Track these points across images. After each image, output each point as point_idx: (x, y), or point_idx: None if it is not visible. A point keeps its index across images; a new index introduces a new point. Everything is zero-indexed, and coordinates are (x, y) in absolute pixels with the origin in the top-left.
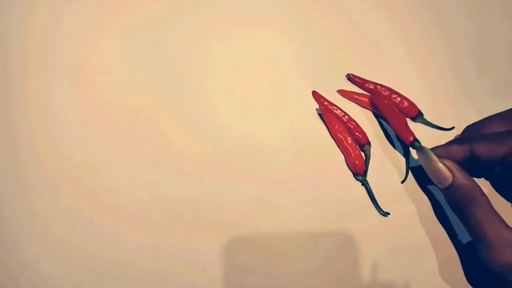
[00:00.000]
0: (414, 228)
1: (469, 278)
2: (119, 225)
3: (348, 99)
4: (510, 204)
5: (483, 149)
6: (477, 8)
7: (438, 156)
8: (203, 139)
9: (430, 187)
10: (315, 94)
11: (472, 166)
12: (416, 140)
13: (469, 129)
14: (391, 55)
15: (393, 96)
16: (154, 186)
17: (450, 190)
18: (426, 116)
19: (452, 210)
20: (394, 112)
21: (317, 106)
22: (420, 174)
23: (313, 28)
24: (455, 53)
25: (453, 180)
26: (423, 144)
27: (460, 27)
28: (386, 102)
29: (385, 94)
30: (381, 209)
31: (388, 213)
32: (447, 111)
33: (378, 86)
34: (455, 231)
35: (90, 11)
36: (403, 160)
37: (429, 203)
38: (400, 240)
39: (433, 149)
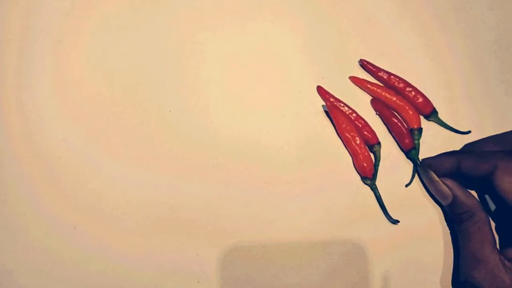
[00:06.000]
0: (429, 237)
1: None
2: (105, 233)
3: (360, 87)
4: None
5: (468, 164)
6: None
7: (429, 166)
8: (198, 138)
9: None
10: (321, 90)
11: (462, 179)
12: (414, 148)
13: (467, 146)
14: (405, 46)
15: (408, 89)
16: (143, 190)
17: (451, 208)
18: (440, 115)
19: (452, 226)
20: (393, 121)
21: (322, 102)
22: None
23: (318, 16)
24: (475, 44)
25: (453, 198)
26: (433, 145)
27: (480, 16)
28: (385, 108)
29: (399, 86)
30: (390, 217)
31: (398, 221)
32: (463, 110)
33: (392, 77)
34: None
35: (71, 1)
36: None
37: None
38: (413, 250)
39: (423, 160)
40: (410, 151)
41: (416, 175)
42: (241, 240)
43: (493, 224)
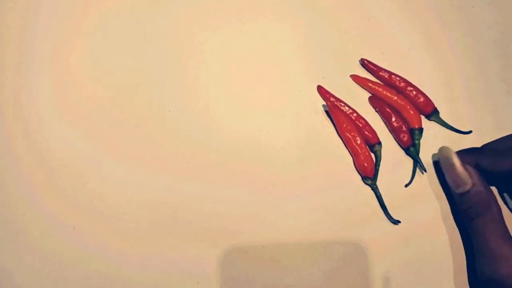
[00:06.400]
0: (430, 237)
1: None
2: (105, 234)
3: (361, 86)
4: None
5: (488, 161)
6: None
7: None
8: (198, 138)
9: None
10: (321, 89)
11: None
12: (413, 145)
13: (486, 146)
14: (405, 45)
15: (409, 88)
16: (143, 190)
17: (466, 196)
18: (441, 115)
19: (462, 216)
20: (391, 118)
21: (323, 102)
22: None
23: (318, 16)
24: (476, 43)
25: (472, 186)
26: (434, 144)
27: (481, 14)
28: (384, 104)
29: (400, 85)
30: (391, 217)
31: (399, 221)
32: (464, 109)
33: (393, 76)
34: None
35: (70, 0)
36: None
37: (445, 210)
38: (414, 250)
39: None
40: (409, 148)
41: (419, 171)
42: (241, 240)
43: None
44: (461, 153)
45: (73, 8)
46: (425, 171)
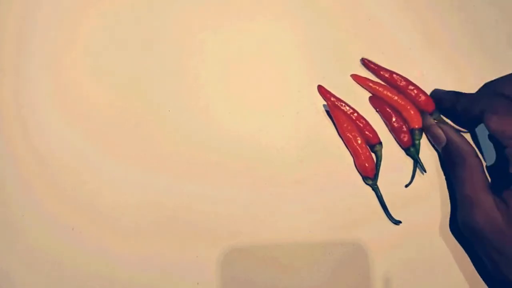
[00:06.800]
0: (431, 238)
1: None
2: (103, 234)
3: (361, 86)
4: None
5: (463, 105)
6: None
7: (432, 96)
8: (197, 138)
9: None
10: (321, 89)
11: (459, 120)
12: (413, 145)
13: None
14: (406, 44)
15: (410, 87)
16: (142, 190)
17: (445, 150)
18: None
19: (445, 168)
20: (391, 118)
21: (323, 102)
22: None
23: (318, 15)
24: (478, 42)
25: (447, 141)
26: None
27: (483, 13)
28: (384, 104)
29: (401, 84)
30: (392, 217)
31: (400, 222)
32: None
33: (394, 75)
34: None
35: (69, 0)
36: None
37: (445, 210)
38: (415, 251)
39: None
40: (409, 148)
41: (419, 171)
42: (241, 241)
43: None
44: (442, 92)
45: (73, 8)
46: (425, 171)
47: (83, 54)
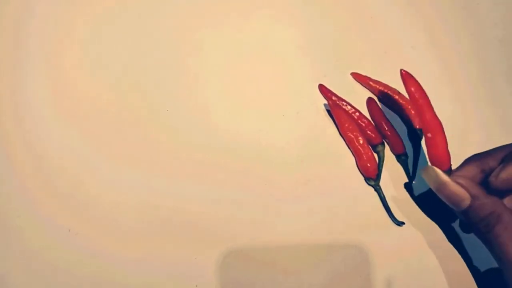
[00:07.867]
0: (434, 240)
1: None
2: (101, 236)
3: (362, 85)
4: None
5: (492, 163)
6: None
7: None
8: (196, 138)
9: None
10: (322, 88)
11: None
12: (404, 154)
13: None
14: (408, 43)
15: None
16: (140, 191)
17: (470, 212)
18: (444, 114)
19: (475, 233)
20: (384, 124)
21: (324, 101)
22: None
23: (320, 13)
24: (480, 42)
25: (472, 200)
26: None
27: (486, 12)
28: (378, 110)
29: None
30: (395, 218)
31: (403, 223)
32: (468, 108)
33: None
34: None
35: None
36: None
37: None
38: (419, 254)
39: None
40: (400, 156)
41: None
42: (240, 243)
43: None
44: (462, 165)
45: (70, 7)
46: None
47: (81, 53)
